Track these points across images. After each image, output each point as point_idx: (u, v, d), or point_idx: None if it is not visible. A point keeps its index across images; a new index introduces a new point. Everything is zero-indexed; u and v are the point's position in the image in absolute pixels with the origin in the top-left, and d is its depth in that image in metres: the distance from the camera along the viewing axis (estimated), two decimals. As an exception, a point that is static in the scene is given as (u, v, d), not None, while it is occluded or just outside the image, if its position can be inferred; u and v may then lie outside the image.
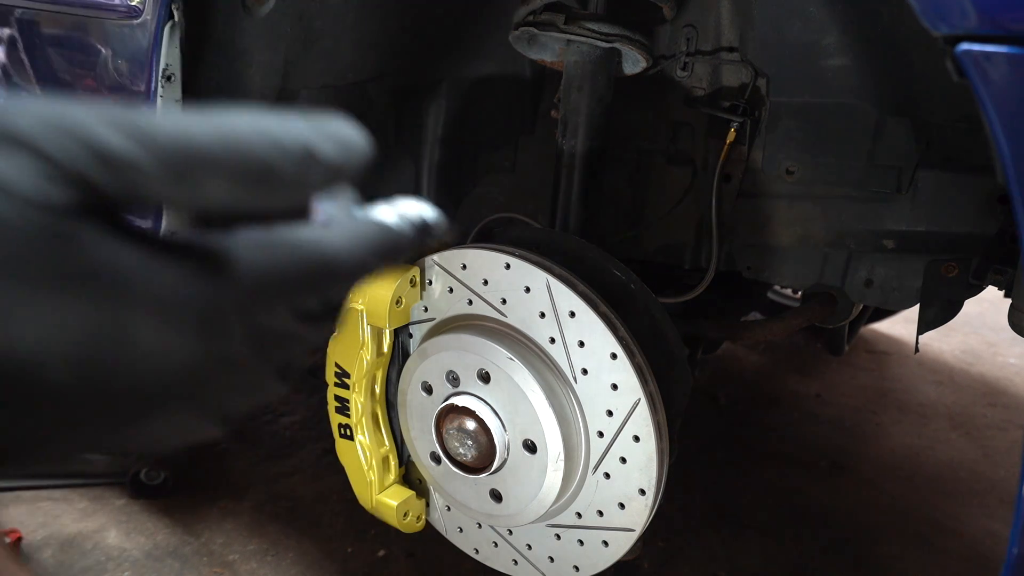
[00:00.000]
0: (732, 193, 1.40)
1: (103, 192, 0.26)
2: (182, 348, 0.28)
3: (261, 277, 0.30)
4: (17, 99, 0.27)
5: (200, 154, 0.27)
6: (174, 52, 1.06)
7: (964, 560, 1.79)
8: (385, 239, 0.35)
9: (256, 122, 0.29)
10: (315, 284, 0.33)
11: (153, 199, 0.27)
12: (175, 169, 0.27)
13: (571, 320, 1.03)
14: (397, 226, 0.36)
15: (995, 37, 0.62)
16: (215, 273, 0.29)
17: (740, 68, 1.31)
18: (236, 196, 0.29)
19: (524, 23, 1.21)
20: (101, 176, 0.25)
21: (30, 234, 0.24)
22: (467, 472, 1.12)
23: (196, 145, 0.27)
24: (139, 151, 0.26)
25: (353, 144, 0.32)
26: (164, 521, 1.77)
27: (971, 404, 2.58)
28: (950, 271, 1.28)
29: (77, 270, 0.25)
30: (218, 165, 0.28)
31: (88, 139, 0.25)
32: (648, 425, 1.00)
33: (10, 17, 1.28)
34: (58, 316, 0.25)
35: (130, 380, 0.27)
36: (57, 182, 0.25)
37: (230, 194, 0.29)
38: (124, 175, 0.26)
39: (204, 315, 0.28)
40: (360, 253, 0.34)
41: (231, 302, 0.29)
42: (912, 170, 1.26)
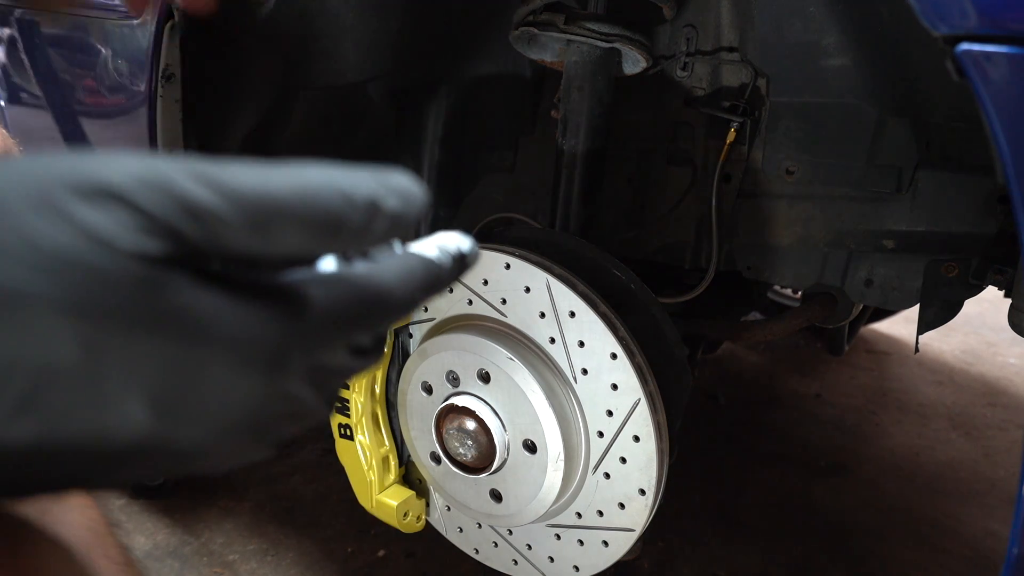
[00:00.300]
0: (732, 193, 1.40)
1: (190, 243, 0.27)
2: (248, 386, 0.30)
3: (329, 316, 0.32)
4: (111, 154, 0.28)
5: (278, 207, 0.29)
6: (174, 52, 1.06)
7: (964, 560, 1.79)
8: (427, 273, 0.37)
9: (327, 176, 0.31)
10: (372, 320, 0.35)
11: (234, 249, 0.29)
12: (255, 221, 0.28)
13: (571, 320, 1.03)
14: (438, 259, 0.38)
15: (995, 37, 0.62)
16: (291, 313, 0.31)
17: (740, 68, 1.31)
18: (308, 245, 0.31)
19: (524, 23, 1.21)
20: (189, 228, 0.27)
21: (122, 282, 0.26)
22: (467, 472, 1.12)
23: (274, 198, 0.29)
24: (224, 205, 0.27)
25: (413, 196, 0.34)
26: (164, 521, 1.77)
27: (971, 404, 2.58)
28: (950, 271, 1.28)
29: (165, 315, 0.27)
30: (294, 217, 0.29)
31: (178, 194, 0.27)
32: (648, 425, 1.00)
33: (10, 17, 1.28)
34: (144, 357, 0.27)
35: (204, 418, 0.29)
36: (150, 234, 0.26)
37: (302, 244, 0.31)
38: (210, 227, 0.27)
39: (270, 356, 0.30)
40: (409, 288, 0.36)
41: (297, 342, 0.31)
42: (912, 170, 1.26)
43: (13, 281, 0.25)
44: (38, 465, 0.27)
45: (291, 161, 0.31)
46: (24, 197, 0.26)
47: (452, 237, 0.40)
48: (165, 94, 1.07)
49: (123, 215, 0.26)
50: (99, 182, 0.26)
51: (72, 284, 0.25)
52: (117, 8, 1.10)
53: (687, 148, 1.44)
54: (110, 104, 1.20)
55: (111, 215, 0.26)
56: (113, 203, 0.26)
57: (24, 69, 1.30)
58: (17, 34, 1.28)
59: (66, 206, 0.26)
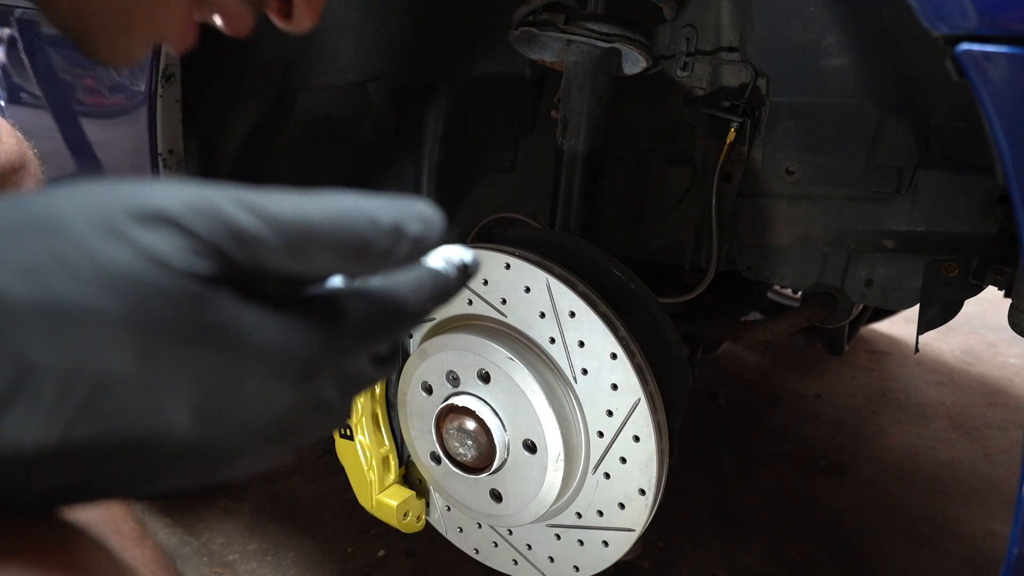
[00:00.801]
0: (732, 193, 1.40)
1: (235, 263, 0.30)
2: (283, 395, 0.33)
3: (359, 327, 0.36)
4: (165, 183, 0.31)
5: (313, 232, 0.32)
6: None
7: (964, 560, 1.79)
8: (436, 284, 0.40)
9: (356, 203, 0.34)
10: (392, 330, 0.38)
11: (273, 269, 0.32)
12: (293, 245, 0.31)
13: (571, 320, 1.02)
14: (444, 270, 0.41)
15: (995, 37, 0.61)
16: (326, 326, 0.34)
17: (740, 68, 1.31)
18: (337, 266, 0.34)
19: (524, 23, 1.21)
20: (234, 250, 0.30)
21: (175, 299, 0.29)
22: (467, 472, 1.12)
23: (310, 224, 0.32)
24: (265, 230, 0.30)
25: (433, 222, 0.37)
26: (163, 521, 1.77)
27: (971, 404, 2.58)
28: (950, 271, 1.28)
29: (211, 330, 0.30)
30: (327, 241, 0.33)
31: (224, 219, 0.30)
32: (648, 425, 1.00)
33: (10, 17, 1.28)
34: (192, 368, 0.30)
35: (240, 425, 0.32)
36: (200, 255, 0.29)
37: (333, 265, 0.34)
38: (252, 249, 0.30)
39: (303, 367, 0.33)
40: (421, 298, 0.39)
41: (328, 353, 0.35)
42: (912, 170, 1.26)
43: (79, 296, 0.27)
44: (93, 465, 0.30)
45: (320, 190, 0.34)
46: (88, 221, 0.28)
47: (454, 250, 0.43)
48: (165, 94, 1.07)
49: (176, 238, 0.29)
50: (155, 208, 0.29)
51: (130, 300, 0.28)
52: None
53: (687, 148, 1.44)
54: (110, 104, 1.20)
55: (165, 238, 0.29)
56: (167, 227, 0.29)
57: (24, 69, 1.30)
58: (17, 34, 1.28)
59: (126, 230, 0.28)
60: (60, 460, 0.29)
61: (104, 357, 0.28)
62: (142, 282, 0.28)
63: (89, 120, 1.27)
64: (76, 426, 0.28)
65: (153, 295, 0.29)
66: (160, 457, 0.31)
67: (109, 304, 0.28)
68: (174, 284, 0.29)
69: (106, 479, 0.31)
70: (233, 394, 0.32)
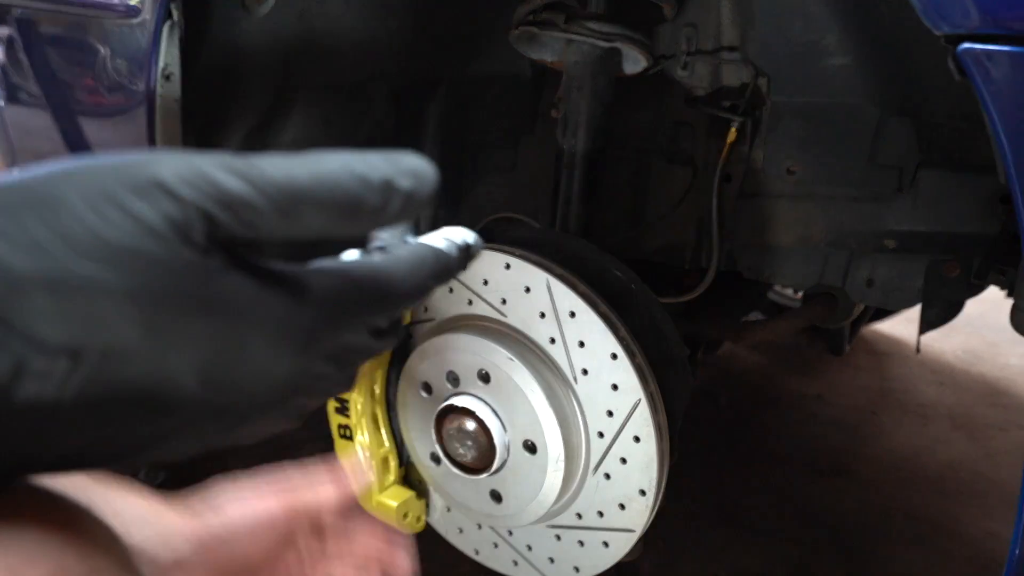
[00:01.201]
0: (733, 193, 1.40)
1: (227, 230, 0.31)
2: (284, 363, 0.34)
3: (336, 301, 0.36)
4: (155, 153, 0.32)
5: (302, 192, 0.32)
6: (173, 51, 1.06)
7: (965, 561, 1.79)
8: (437, 262, 0.41)
9: (344, 161, 0.34)
10: (381, 306, 0.39)
11: (265, 233, 0.32)
12: (282, 207, 0.32)
13: (571, 320, 1.02)
14: (447, 249, 0.42)
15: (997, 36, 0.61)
16: (326, 298, 0.35)
17: (741, 67, 1.31)
18: (330, 226, 0.34)
19: (524, 22, 1.21)
20: (226, 217, 0.31)
21: (175, 268, 0.30)
22: (467, 473, 1.11)
23: (298, 185, 0.32)
24: (255, 194, 0.31)
25: (425, 175, 0.36)
26: (164, 522, 1.77)
27: (972, 405, 2.58)
28: (952, 271, 1.28)
29: (210, 297, 0.31)
30: (316, 201, 0.33)
31: (216, 186, 0.30)
32: (648, 425, 1.00)
33: (9, 17, 1.28)
34: (194, 335, 0.31)
35: (243, 389, 0.34)
36: (193, 224, 0.30)
37: (325, 225, 0.34)
38: (244, 215, 0.31)
39: (300, 336, 0.34)
40: (418, 276, 0.40)
41: (324, 326, 0.35)
42: (913, 170, 1.25)
43: (81, 269, 0.28)
44: (107, 425, 0.31)
45: (309, 151, 0.34)
46: (85, 196, 0.29)
47: (458, 231, 0.43)
48: (164, 94, 1.07)
49: (168, 206, 0.29)
50: (148, 179, 0.30)
51: (131, 271, 0.29)
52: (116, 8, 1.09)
53: (687, 148, 1.44)
54: (109, 104, 1.20)
55: (160, 207, 0.29)
56: (161, 197, 0.30)
57: (23, 69, 1.30)
58: (16, 34, 1.28)
59: (123, 202, 0.29)
60: (74, 420, 0.30)
61: (110, 328, 0.29)
62: (140, 252, 0.29)
63: (88, 120, 1.26)
64: (87, 390, 0.29)
65: (152, 264, 0.29)
66: (169, 417, 0.32)
67: (111, 276, 0.29)
68: (172, 253, 0.30)
69: (120, 439, 0.32)
70: (233, 360, 0.32)
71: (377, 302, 0.38)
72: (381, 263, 0.38)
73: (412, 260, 0.39)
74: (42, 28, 1.26)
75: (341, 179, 0.33)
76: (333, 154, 0.34)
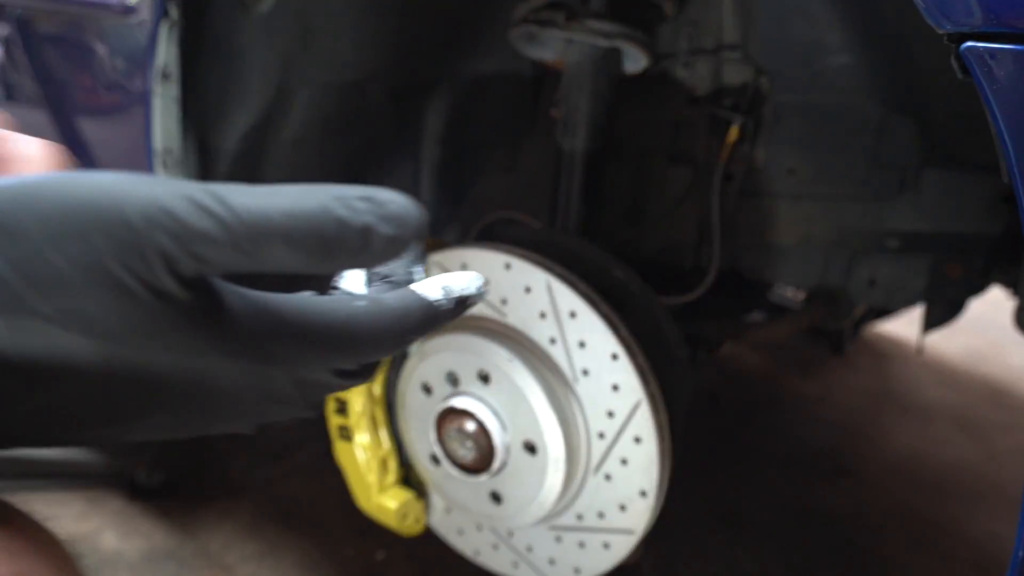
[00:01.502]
0: (734, 193, 1.39)
1: (191, 267, 0.31)
2: (240, 387, 0.36)
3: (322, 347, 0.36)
4: (123, 182, 0.32)
5: (275, 234, 0.32)
6: (171, 51, 1.05)
7: (968, 563, 1.78)
8: (423, 316, 0.40)
9: (324, 202, 0.33)
10: (341, 354, 0.38)
11: (233, 270, 0.33)
12: (249, 248, 0.32)
13: (572, 320, 1.02)
14: (437, 301, 0.41)
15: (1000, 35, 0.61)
16: (289, 337, 0.36)
17: (742, 66, 1.30)
18: (302, 264, 0.34)
19: (524, 21, 1.21)
20: (190, 256, 0.31)
21: (131, 307, 0.30)
22: (467, 473, 1.11)
23: (272, 226, 0.32)
24: (224, 234, 0.31)
25: (408, 218, 0.36)
26: (161, 523, 1.76)
27: (975, 405, 2.57)
28: (954, 271, 1.28)
29: (165, 337, 0.32)
30: (290, 243, 0.33)
31: (183, 225, 0.30)
32: (649, 426, 0.99)
33: (7, 15, 1.27)
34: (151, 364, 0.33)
35: (201, 396, 0.35)
36: (154, 262, 0.30)
37: (297, 263, 0.34)
38: (210, 255, 0.31)
39: (249, 364, 0.35)
40: (394, 331, 0.39)
41: (282, 364, 0.36)
42: (916, 169, 1.25)
43: (35, 303, 0.29)
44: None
45: (295, 181, 0.34)
46: (46, 228, 0.29)
47: (462, 278, 0.42)
48: (163, 93, 1.06)
49: (131, 245, 0.30)
50: (113, 215, 0.30)
51: (85, 308, 0.30)
52: (113, 6, 1.09)
53: (688, 147, 1.43)
54: (107, 103, 1.20)
55: (121, 246, 0.30)
56: (124, 234, 0.30)
57: (21, 67, 1.29)
58: (14, 32, 1.27)
59: (83, 238, 0.29)
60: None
61: (68, 360, 0.31)
62: (97, 291, 0.30)
63: (86, 119, 1.26)
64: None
65: (107, 303, 0.30)
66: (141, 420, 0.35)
67: (65, 313, 0.30)
68: (128, 292, 0.30)
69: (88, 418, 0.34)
70: (188, 405, 0.35)
71: (336, 350, 0.37)
72: (359, 311, 0.37)
73: (395, 312, 0.38)
74: (40, 27, 1.26)
75: (318, 221, 0.33)
76: (314, 191, 0.34)
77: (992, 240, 1.24)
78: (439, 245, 1.16)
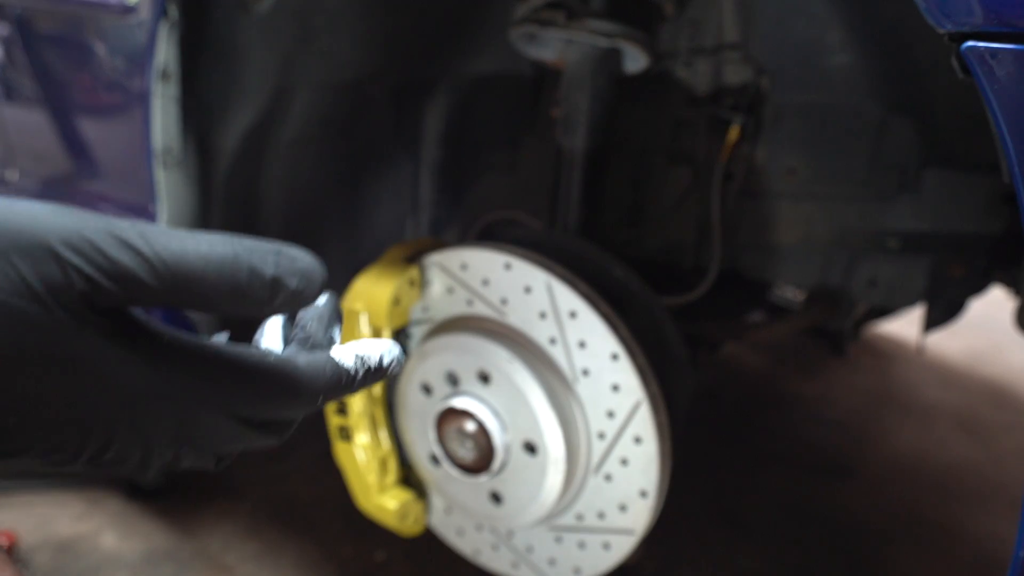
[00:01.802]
0: (734, 192, 1.39)
1: (109, 297, 0.34)
2: (143, 421, 0.38)
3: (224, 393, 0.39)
4: (50, 213, 0.35)
5: (190, 274, 0.35)
6: (171, 50, 1.05)
7: (969, 563, 1.78)
8: (332, 380, 0.42)
9: (238, 252, 0.37)
10: (241, 402, 0.40)
11: (149, 303, 0.36)
12: (168, 284, 0.35)
13: (572, 320, 1.02)
14: (352, 369, 0.43)
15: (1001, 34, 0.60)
16: (150, 368, 0.37)
17: (742, 66, 1.30)
18: (213, 306, 0.37)
19: (524, 20, 1.20)
20: (109, 285, 0.34)
21: (43, 326, 0.33)
22: (467, 474, 1.11)
23: (187, 266, 0.35)
24: (143, 268, 0.34)
25: (313, 276, 0.39)
26: (161, 524, 1.76)
27: (977, 405, 2.57)
28: (955, 271, 1.27)
29: (70, 356, 0.34)
30: (204, 284, 0.36)
31: (104, 256, 0.33)
32: (649, 426, 0.99)
33: (7, 14, 1.27)
34: (45, 391, 0.34)
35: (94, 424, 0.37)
36: (72, 287, 0.33)
37: (208, 305, 0.37)
38: (128, 285, 0.34)
39: (127, 397, 0.37)
40: (313, 388, 0.41)
41: (165, 396, 0.38)
42: (916, 169, 1.25)
43: None
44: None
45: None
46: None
47: (378, 347, 0.45)
48: (162, 93, 1.06)
49: (51, 269, 0.32)
50: (36, 240, 0.32)
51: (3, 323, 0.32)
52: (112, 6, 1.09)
53: (689, 147, 1.43)
54: (106, 102, 1.19)
55: (40, 268, 0.32)
56: (45, 258, 0.32)
57: (21, 67, 1.29)
58: (13, 31, 1.27)
59: (7, 258, 0.32)
60: None
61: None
62: (12, 308, 0.32)
63: (85, 119, 1.26)
64: None
65: (22, 322, 0.32)
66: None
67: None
68: (43, 312, 0.33)
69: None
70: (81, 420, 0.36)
71: (238, 394, 0.40)
72: (270, 362, 0.40)
73: (304, 372, 0.41)
74: (40, 26, 1.26)
75: (231, 267, 0.36)
76: (231, 240, 0.37)
77: (993, 240, 1.24)
78: (439, 245, 1.16)
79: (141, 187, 1.13)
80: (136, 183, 1.13)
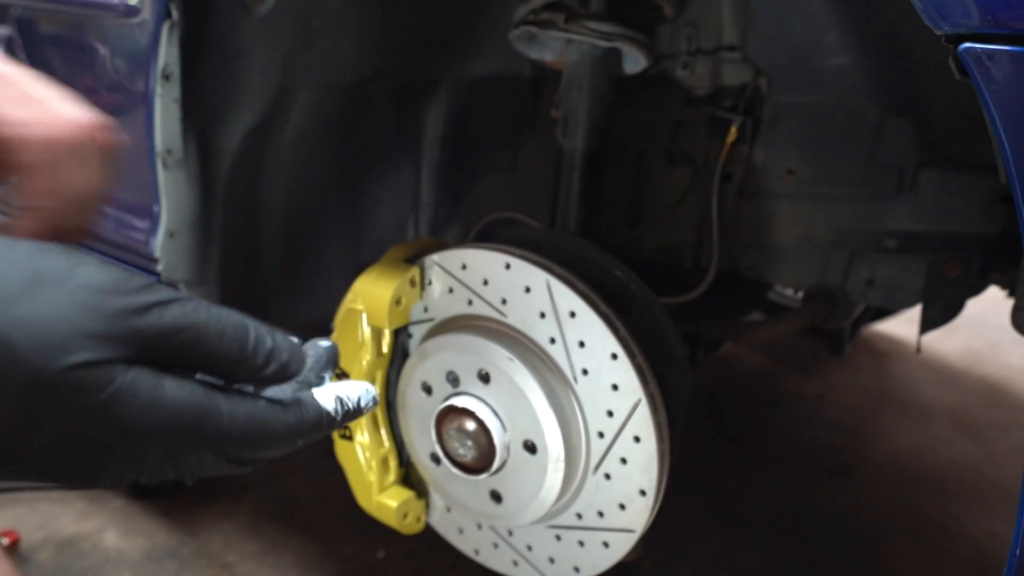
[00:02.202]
0: (733, 193, 1.39)
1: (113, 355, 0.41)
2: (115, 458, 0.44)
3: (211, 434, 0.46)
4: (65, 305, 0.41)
5: (198, 342, 0.44)
6: (172, 51, 1.06)
7: (966, 562, 1.79)
8: (313, 422, 0.50)
9: (243, 327, 0.47)
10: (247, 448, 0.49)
11: (156, 359, 0.43)
12: (177, 349, 0.44)
13: (571, 320, 1.02)
14: (332, 411, 0.51)
15: (998, 36, 0.61)
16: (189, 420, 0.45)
17: (741, 67, 1.31)
18: (212, 368, 0.46)
19: (524, 22, 1.21)
20: (121, 349, 0.41)
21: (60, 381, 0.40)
22: (467, 473, 1.11)
23: (197, 335, 0.44)
24: (153, 336, 0.42)
25: (300, 355, 0.50)
26: (163, 522, 1.77)
27: (974, 405, 2.58)
28: (952, 271, 1.28)
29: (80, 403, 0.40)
30: (211, 354, 0.45)
31: (125, 344, 0.42)
32: (649, 426, 1.00)
33: (9, 16, 1.28)
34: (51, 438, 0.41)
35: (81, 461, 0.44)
36: (90, 349, 0.40)
37: (209, 368, 0.46)
38: (139, 347, 0.42)
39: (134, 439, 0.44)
40: (289, 429, 0.49)
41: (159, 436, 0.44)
42: (914, 170, 1.25)
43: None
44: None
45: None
46: (29, 343, 0.39)
47: (356, 389, 0.52)
48: (163, 93, 1.07)
49: (75, 333, 0.39)
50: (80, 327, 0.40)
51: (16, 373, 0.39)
52: (115, 7, 1.09)
53: (688, 148, 1.44)
54: (108, 104, 1.20)
55: (61, 329, 0.39)
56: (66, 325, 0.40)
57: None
58: (15, 33, 1.27)
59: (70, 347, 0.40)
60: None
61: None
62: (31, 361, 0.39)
63: (88, 120, 1.26)
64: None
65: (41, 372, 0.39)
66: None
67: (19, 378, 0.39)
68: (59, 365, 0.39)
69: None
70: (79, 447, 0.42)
71: (221, 447, 0.47)
72: (257, 417, 0.47)
73: (287, 421, 0.48)
74: (42, 28, 1.26)
75: (238, 342, 0.45)
76: (238, 316, 0.46)
77: (990, 240, 1.25)
78: (440, 245, 1.16)
79: (143, 187, 1.13)
80: (138, 183, 1.14)
